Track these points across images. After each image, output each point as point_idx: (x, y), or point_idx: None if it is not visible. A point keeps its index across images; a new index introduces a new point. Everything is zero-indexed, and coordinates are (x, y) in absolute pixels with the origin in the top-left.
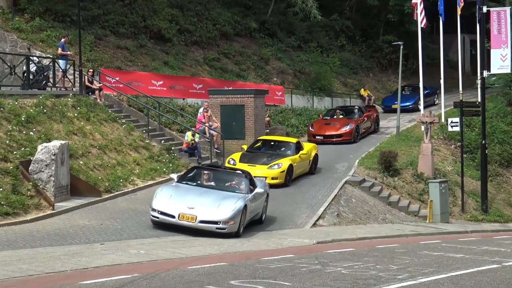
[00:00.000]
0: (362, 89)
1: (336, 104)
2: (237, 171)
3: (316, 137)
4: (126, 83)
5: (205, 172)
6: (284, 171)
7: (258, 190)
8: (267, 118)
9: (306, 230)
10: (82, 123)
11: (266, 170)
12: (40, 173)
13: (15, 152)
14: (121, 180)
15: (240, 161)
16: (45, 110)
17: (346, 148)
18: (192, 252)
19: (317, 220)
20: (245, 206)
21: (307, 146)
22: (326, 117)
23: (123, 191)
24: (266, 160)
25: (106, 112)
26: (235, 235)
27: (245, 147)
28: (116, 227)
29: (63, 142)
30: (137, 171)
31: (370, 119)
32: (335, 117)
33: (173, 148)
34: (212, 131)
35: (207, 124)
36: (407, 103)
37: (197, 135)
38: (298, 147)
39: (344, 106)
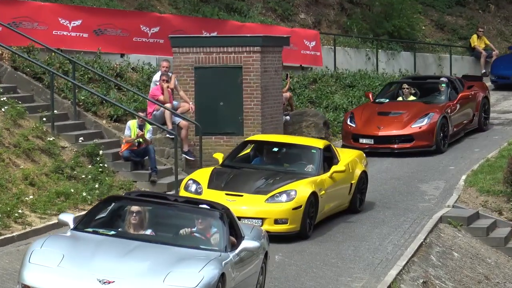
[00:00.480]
0: (475, 37)
1: (422, 66)
2: (202, 206)
3: (361, 140)
4: (9, 24)
5: (134, 209)
6: (300, 206)
7: (247, 244)
8: (287, 94)
9: None
10: None
11: (264, 205)
12: None
13: None
14: (0, 216)
15: (210, 185)
16: None
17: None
18: None
19: None
20: (222, 275)
21: (346, 156)
22: (381, 100)
23: (2, 237)
24: (263, 184)
25: None
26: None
27: (219, 156)
28: None
29: None
30: (31, 197)
31: (471, 105)
32: (399, 99)
33: (101, 152)
34: (178, 119)
35: (168, 106)
36: None
37: (148, 127)
38: (329, 157)
39: (420, 77)
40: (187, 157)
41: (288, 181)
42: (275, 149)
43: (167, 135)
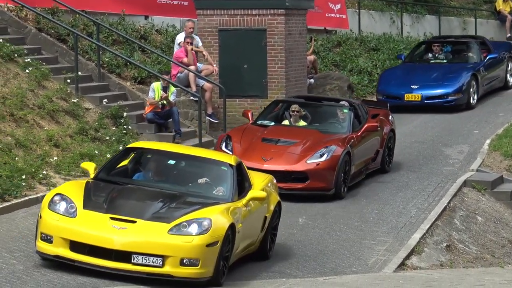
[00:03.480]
0: (500, 0)
1: (447, 30)
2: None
3: None
4: None
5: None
6: (216, 243)
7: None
8: (312, 57)
9: (385, 277)
10: None
11: (166, 237)
12: None
13: None
14: (24, 177)
15: (87, 204)
16: None
17: (461, 117)
18: None
19: (408, 257)
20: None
21: (258, 180)
22: (264, 122)
23: (27, 198)
24: (162, 208)
25: None
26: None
27: (89, 167)
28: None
29: None
30: (56, 158)
31: (376, 139)
32: (285, 123)
33: (125, 114)
34: (202, 82)
35: (192, 68)
36: (440, 90)
37: (172, 89)
38: (240, 180)
39: (314, 97)
40: (211, 119)
41: (196, 206)
42: (171, 162)
43: (191, 98)
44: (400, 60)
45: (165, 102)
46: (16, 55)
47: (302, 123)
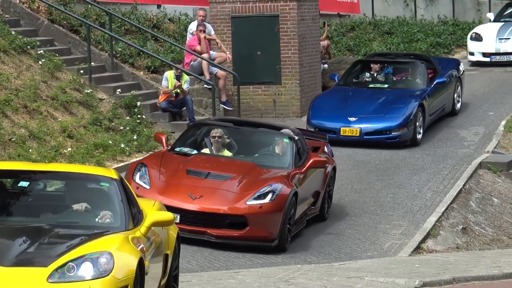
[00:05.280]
0: None
1: (461, 12)
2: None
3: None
4: None
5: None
6: None
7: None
8: (325, 42)
9: (401, 261)
10: None
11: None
12: None
13: None
14: None
15: None
16: None
17: (476, 98)
18: None
19: (424, 240)
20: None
21: (146, 205)
22: (184, 150)
23: None
24: (30, 248)
25: (7, 34)
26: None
27: None
28: None
29: None
30: (70, 149)
31: (318, 179)
32: (205, 151)
33: (139, 103)
34: (216, 69)
35: (205, 56)
36: (382, 124)
37: (185, 77)
38: (129, 202)
39: (243, 122)
40: (225, 107)
41: (80, 238)
42: (23, 184)
43: (205, 86)
44: (333, 81)
45: (178, 90)
46: (28, 47)
47: (227, 153)
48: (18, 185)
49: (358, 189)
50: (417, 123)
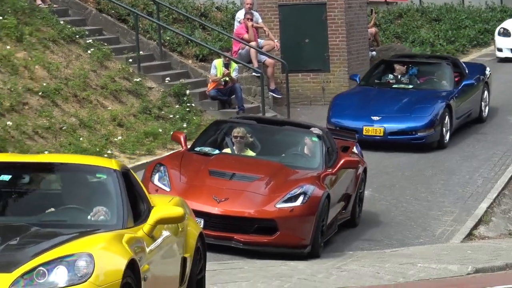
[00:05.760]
0: None
1: (509, 0)
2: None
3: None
4: None
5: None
6: None
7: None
8: (373, 29)
9: (453, 247)
10: (8, 47)
11: None
12: None
13: None
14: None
15: None
16: None
17: None
18: None
19: (476, 226)
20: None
21: (161, 201)
22: (205, 149)
23: None
24: None
25: (56, 24)
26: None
27: None
28: None
29: None
30: (120, 138)
31: (349, 180)
32: (227, 150)
33: (188, 91)
34: (264, 57)
35: (253, 44)
36: (407, 124)
37: (234, 65)
38: (135, 197)
39: (267, 120)
40: (274, 95)
41: (60, 238)
42: (4, 179)
43: (253, 74)
44: (355, 82)
45: (227, 78)
46: (77, 36)
47: (250, 153)
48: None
49: (409, 176)
50: (444, 125)
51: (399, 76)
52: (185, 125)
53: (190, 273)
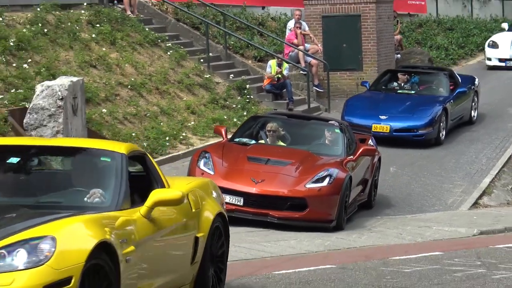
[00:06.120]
0: None
1: (509, 12)
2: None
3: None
4: None
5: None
6: (69, 280)
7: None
8: (398, 36)
9: (462, 214)
10: (104, 49)
11: None
12: (41, 128)
13: (1, 97)
14: (168, 138)
15: None
16: (45, 30)
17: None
18: (279, 249)
19: (480, 197)
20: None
21: (181, 184)
22: (243, 140)
23: (170, 155)
24: None
25: (142, 31)
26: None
27: None
28: None
29: (75, 79)
30: (193, 123)
31: (366, 168)
32: (261, 142)
33: (248, 86)
34: (309, 59)
35: (301, 47)
36: (410, 123)
37: (285, 65)
38: (139, 176)
39: (295, 115)
40: (317, 89)
41: (35, 220)
42: (13, 161)
43: (301, 72)
44: (365, 87)
45: (279, 75)
46: (159, 40)
47: (281, 144)
48: (8, 161)
49: (426, 155)
50: (441, 124)
51: (402, 84)
52: (245, 113)
53: (210, 251)
